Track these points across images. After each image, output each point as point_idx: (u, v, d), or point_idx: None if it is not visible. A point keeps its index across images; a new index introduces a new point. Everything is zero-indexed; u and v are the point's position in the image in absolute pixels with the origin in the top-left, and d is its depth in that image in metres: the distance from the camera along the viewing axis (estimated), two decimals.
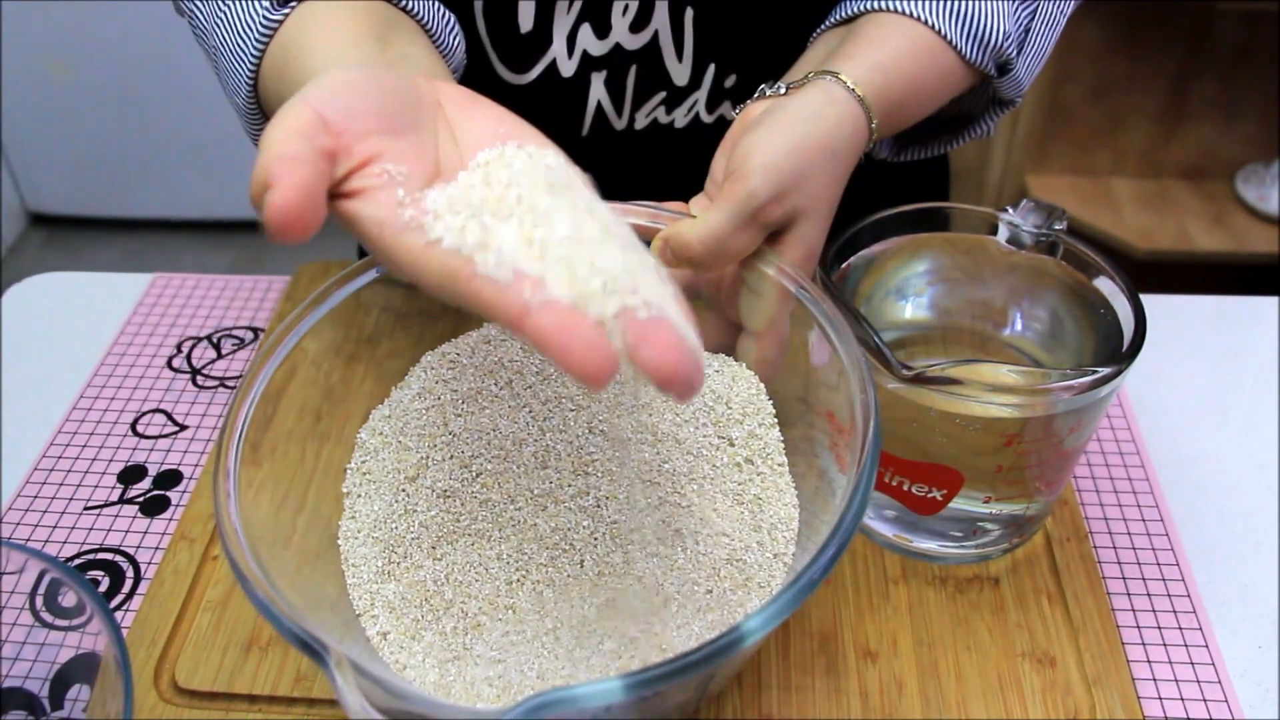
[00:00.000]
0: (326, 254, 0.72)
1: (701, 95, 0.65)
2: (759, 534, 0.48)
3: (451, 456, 0.50)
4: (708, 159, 0.55)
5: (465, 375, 0.53)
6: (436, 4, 0.53)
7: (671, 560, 0.46)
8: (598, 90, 0.64)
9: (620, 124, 0.66)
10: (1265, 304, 0.73)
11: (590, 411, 0.51)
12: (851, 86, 0.50)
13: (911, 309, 0.56)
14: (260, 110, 0.52)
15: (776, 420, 0.51)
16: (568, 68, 0.63)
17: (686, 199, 0.54)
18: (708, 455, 0.50)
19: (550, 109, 0.65)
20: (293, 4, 0.48)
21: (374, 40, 0.46)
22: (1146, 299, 0.51)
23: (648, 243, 0.48)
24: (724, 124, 0.66)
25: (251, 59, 0.49)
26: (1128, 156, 1.90)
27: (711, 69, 0.64)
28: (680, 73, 0.64)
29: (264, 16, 0.48)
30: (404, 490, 0.49)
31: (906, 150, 0.63)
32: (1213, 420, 0.64)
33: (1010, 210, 0.54)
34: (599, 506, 0.48)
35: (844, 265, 0.54)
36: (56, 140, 2.12)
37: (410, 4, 0.50)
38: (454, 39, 0.54)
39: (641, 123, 0.66)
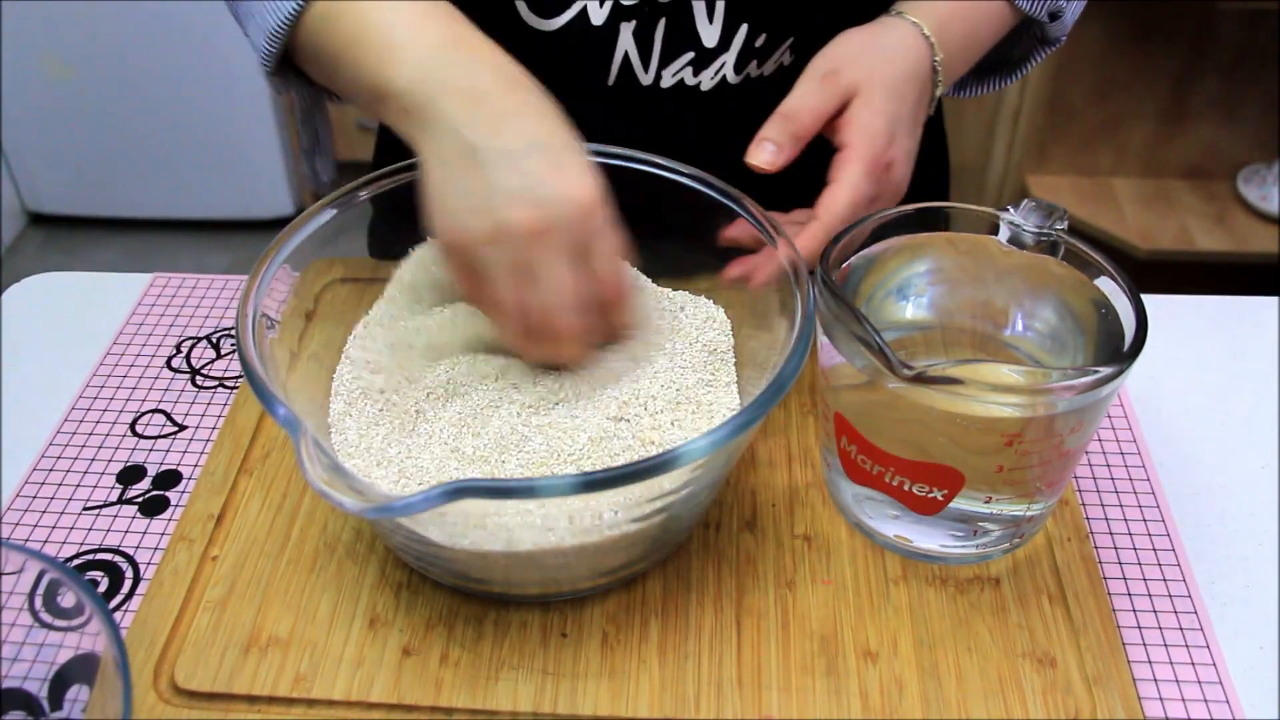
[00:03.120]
0: (331, 252, 0.72)
1: (730, 57, 0.65)
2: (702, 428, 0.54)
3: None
4: (731, 124, 0.62)
5: None
6: None
7: (623, 439, 0.53)
8: (626, 41, 0.64)
9: (647, 79, 0.66)
10: (1266, 304, 0.73)
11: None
12: (916, 23, 0.60)
13: (912, 309, 0.56)
14: (285, 51, 0.57)
15: (735, 354, 0.58)
16: (598, 16, 0.63)
17: (707, 163, 0.59)
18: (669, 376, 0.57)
19: (576, 58, 0.65)
20: None
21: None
22: (1148, 299, 0.51)
23: None
24: (750, 85, 0.67)
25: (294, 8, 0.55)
26: (1129, 156, 1.90)
27: (744, 29, 0.64)
28: (710, 34, 0.64)
29: None
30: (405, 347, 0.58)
31: (964, 89, 0.70)
32: (1214, 420, 0.64)
33: (1011, 210, 0.54)
34: (572, 398, 0.55)
35: (845, 265, 0.54)
36: (56, 140, 2.12)
37: None
38: None
39: (668, 81, 0.66)
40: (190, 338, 0.70)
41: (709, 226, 0.58)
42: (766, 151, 0.57)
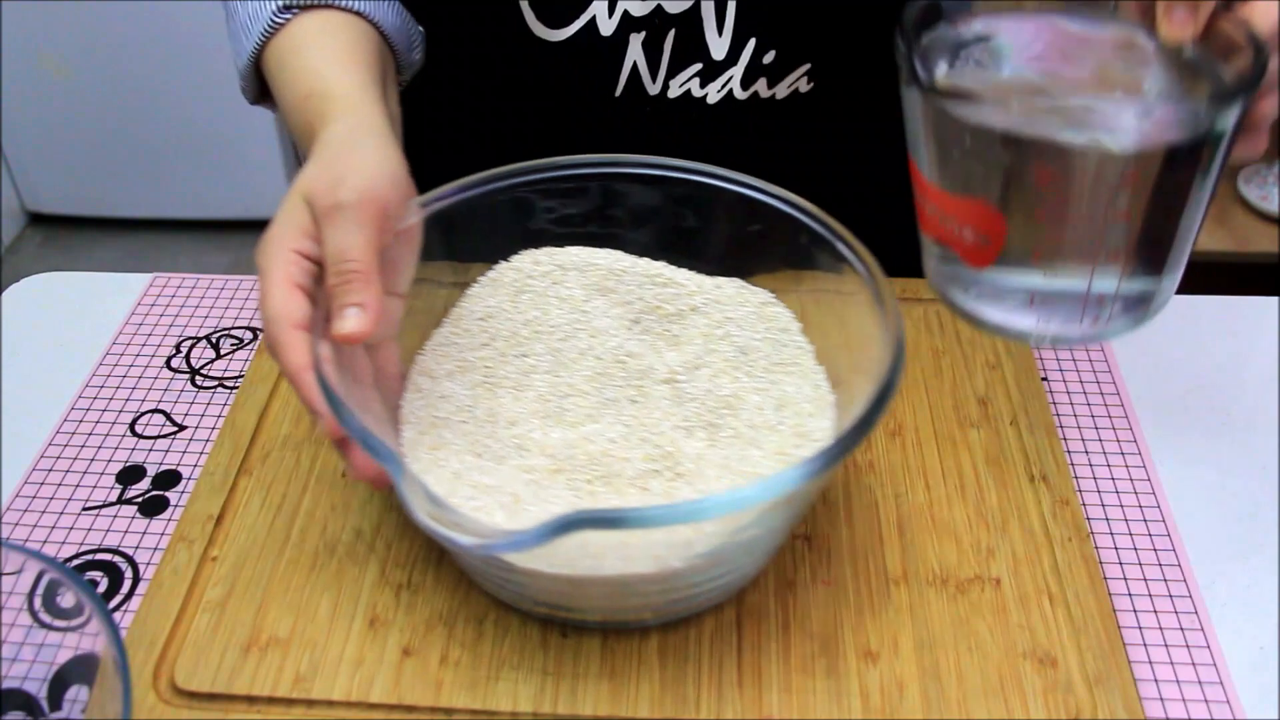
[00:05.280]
0: None
1: (738, 71, 0.65)
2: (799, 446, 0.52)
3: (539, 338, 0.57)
4: (737, 138, 0.63)
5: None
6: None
7: (714, 442, 0.52)
8: (634, 52, 0.64)
9: (654, 89, 0.66)
10: (1267, 304, 0.73)
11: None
12: None
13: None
14: (258, 81, 0.62)
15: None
16: (607, 26, 0.63)
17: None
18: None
19: (584, 68, 0.65)
20: (294, 10, 0.58)
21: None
22: None
23: None
24: (760, 104, 0.67)
25: (255, 44, 0.59)
26: None
27: (752, 44, 0.64)
28: (719, 47, 0.64)
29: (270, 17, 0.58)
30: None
31: None
32: (1215, 420, 0.64)
33: None
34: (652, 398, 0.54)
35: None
36: (56, 140, 2.12)
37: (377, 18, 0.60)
38: (414, 54, 0.65)
39: (675, 92, 0.66)
40: (190, 338, 0.70)
41: (761, 233, 0.57)
42: (1180, 15, 0.45)
